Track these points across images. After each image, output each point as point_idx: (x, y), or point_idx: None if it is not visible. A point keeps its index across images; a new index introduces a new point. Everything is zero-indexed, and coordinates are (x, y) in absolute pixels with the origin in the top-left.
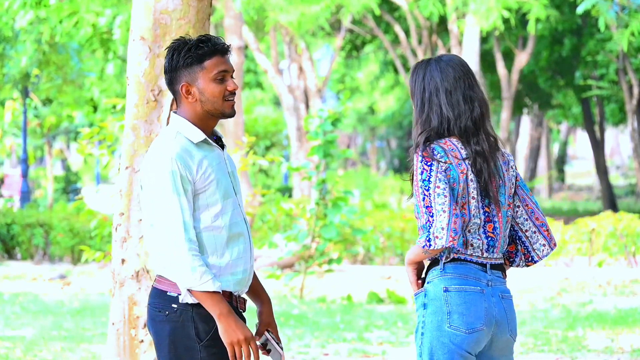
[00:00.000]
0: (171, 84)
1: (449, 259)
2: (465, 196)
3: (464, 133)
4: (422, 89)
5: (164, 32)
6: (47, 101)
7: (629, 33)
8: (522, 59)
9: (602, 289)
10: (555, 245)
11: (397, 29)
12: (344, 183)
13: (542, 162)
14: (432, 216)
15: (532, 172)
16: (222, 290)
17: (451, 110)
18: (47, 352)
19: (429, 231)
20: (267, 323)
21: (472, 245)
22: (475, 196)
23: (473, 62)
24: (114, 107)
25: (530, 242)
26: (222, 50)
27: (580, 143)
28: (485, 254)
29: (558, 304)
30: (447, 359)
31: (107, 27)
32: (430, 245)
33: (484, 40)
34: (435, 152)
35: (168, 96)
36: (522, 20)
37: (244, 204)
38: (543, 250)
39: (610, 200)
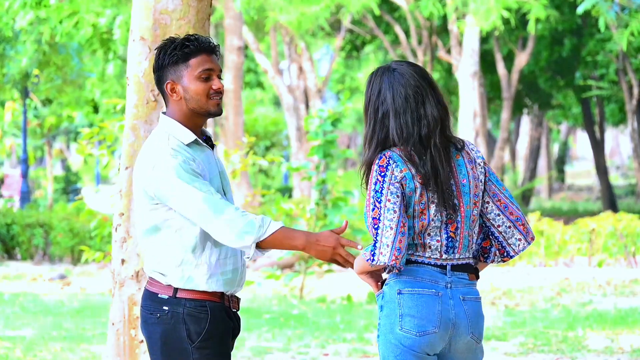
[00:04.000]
0: (159, 82)
1: (392, 271)
2: (424, 202)
3: (413, 150)
4: (375, 109)
5: (164, 32)
6: (47, 101)
7: (628, 33)
8: (522, 59)
9: (602, 289)
10: (532, 239)
11: (397, 29)
12: (344, 183)
13: (542, 162)
14: (376, 229)
15: (532, 172)
16: (213, 291)
17: (399, 134)
18: (47, 352)
19: (374, 245)
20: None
21: (429, 247)
22: (436, 200)
23: (473, 62)
24: (114, 107)
25: (504, 237)
26: (208, 49)
27: (581, 143)
28: (444, 255)
29: (558, 304)
30: None
31: (107, 27)
32: (373, 259)
33: (484, 40)
34: (391, 160)
35: None
36: (522, 20)
37: (244, 204)
38: (519, 245)
39: (610, 201)
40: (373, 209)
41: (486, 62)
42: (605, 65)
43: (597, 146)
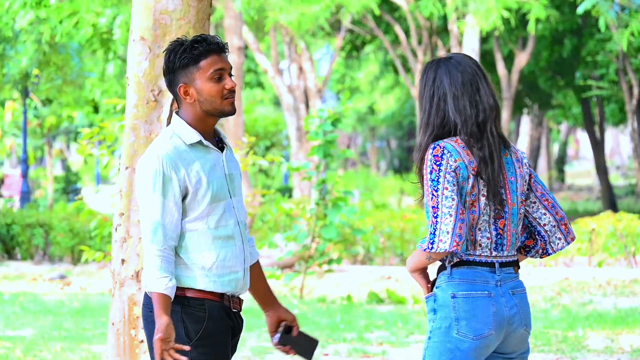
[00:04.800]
0: (170, 85)
1: (452, 263)
2: (475, 193)
3: (469, 137)
4: (431, 94)
5: (164, 32)
6: (47, 101)
7: (628, 33)
8: (522, 59)
9: (602, 289)
10: (573, 239)
11: (397, 29)
12: (344, 183)
13: (542, 162)
14: (436, 217)
15: None
16: (211, 291)
17: (458, 117)
18: (47, 352)
19: (433, 233)
20: (276, 320)
21: (480, 245)
22: (486, 193)
23: None
24: (114, 107)
25: (548, 235)
26: (217, 49)
27: (580, 143)
28: (494, 253)
29: (558, 304)
30: None
31: (107, 27)
32: (432, 247)
33: (484, 40)
34: (445, 150)
35: (168, 96)
36: (522, 20)
37: (244, 204)
38: (559, 244)
39: (610, 201)
40: (432, 198)
41: (486, 62)
42: (605, 65)
43: (597, 146)
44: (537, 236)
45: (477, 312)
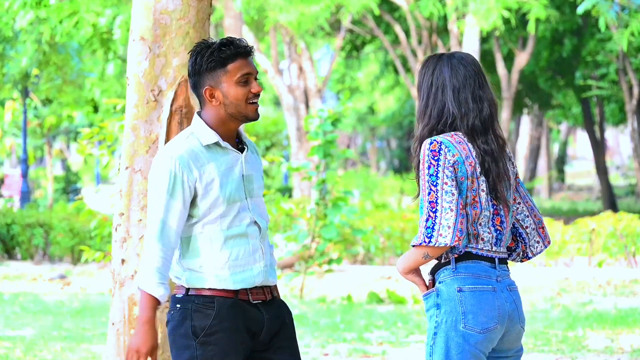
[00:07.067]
0: (195, 87)
1: (448, 260)
2: (475, 189)
3: (471, 131)
4: (430, 84)
5: (164, 32)
6: (47, 101)
7: (629, 33)
8: (522, 59)
9: (602, 289)
10: (549, 243)
11: (397, 29)
12: (344, 183)
13: (542, 162)
14: (434, 212)
15: (532, 172)
16: (223, 289)
17: (457, 108)
18: (47, 352)
19: (432, 228)
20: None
21: (482, 239)
22: (485, 189)
23: None
24: (114, 107)
25: (528, 238)
26: (244, 52)
27: (581, 143)
28: (494, 248)
29: (558, 304)
30: (461, 359)
31: (107, 27)
32: (430, 242)
33: (484, 40)
34: (443, 145)
35: (168, 96)
36: (522, 20)
37: None
38: (537, 248)
39: (610, 201)
40: (429, 193)
41: (486, 62)
42: (606, 65)
43: (597, 146)
44: (518, 238)
45: (484, 306)
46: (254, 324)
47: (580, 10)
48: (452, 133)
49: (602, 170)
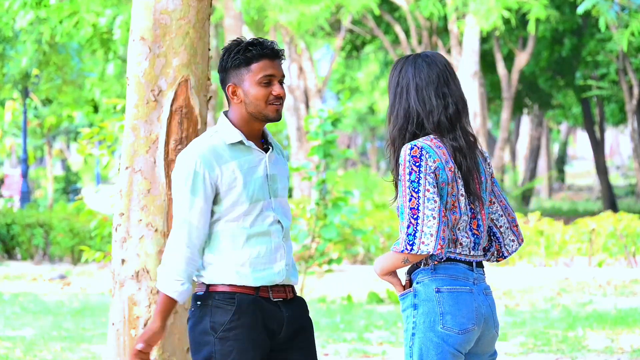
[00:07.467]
0: (222, 83)
1: (427, 265)
2: (455, 194)
3: (438, 128)
4: (396, 84)
5: (164, 32)
6: (47, 101)
7: (629, 33)
8: (522, 59)
9: (602, 289)
10: (522, 241)
11: (397, 29)
12: (344, 183)
13: (542, 162)
14: (416, 219)
15: (532, 172)
16: (244, 285)
17: (421, 106)
18: (47, 352)
19: (413, 235)
20: None
21: (461, 243)
22: (464, 193)
23: (473, 62)
24: (114, 107)
25: (503, 237)
26: (271, 54)
27: (581, 143)
28: (472, 252)
29: (558, 304)
30: (440, 359)
31: (107, 27)
32: (412, 249)
33: (484, 40)
34: (424, 150)
35: (168, 96)
36: (522, 20)
37: None
38: (512, 246)
39: (610, 200)
40: (410, 199)
41: (486, 62)
42: (606, 65)
43: (597, 146)
44: (492, 237)
45: (462, 307)
46: (273, 322)
47: (580, 10)
48: (431, 137)
49: (602, 170)
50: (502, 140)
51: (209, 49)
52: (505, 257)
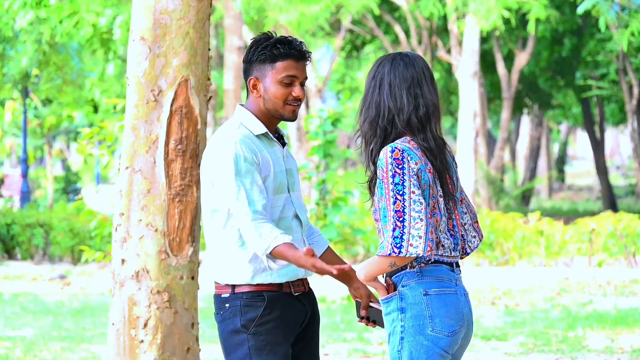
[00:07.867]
0: (244, 74)
1: (423, 264)
2: (435, 196)
3: (408, 126)
4: (371, 77)
5: (164, 32)
6: (47, 101)
7: (629, 33)
8: (522, 59)
9: (602, 289)
10: (482, 237)
11: (397, 29)
12: (344, 183)
13: (542, 162)
14: (402, 221)
15: (532, 172)
16: (270, 283)
17: (393, 103)
18: (47, 352)
19: (400, 238)
20: (360, 295)
21: (443, 245)
22: (442, 194)
23: (473, 62)
24: (114, 107)
25: (467, 234)
26: (298, 55)
27: (581, 143)
28: (452, 253)
29: (558, 304)
30: None
31: (107, 27)
32: (400, 252)
33: (484, 40)
34: (405, 153)
35: (168, 96)
36: (522, 20)
37: None
38: (474, 242)
39: (610, 201)
40: (395, 202)
41: (486, 62)
42: (606, 65)
43: (597, 146)
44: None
45: (450, 309)
46: (298, 315)
47: (580, 10)
48: (408, 139)
49: (602, 170)
50: (502, 140)
51: (209, 49)
52: (467, 254)
